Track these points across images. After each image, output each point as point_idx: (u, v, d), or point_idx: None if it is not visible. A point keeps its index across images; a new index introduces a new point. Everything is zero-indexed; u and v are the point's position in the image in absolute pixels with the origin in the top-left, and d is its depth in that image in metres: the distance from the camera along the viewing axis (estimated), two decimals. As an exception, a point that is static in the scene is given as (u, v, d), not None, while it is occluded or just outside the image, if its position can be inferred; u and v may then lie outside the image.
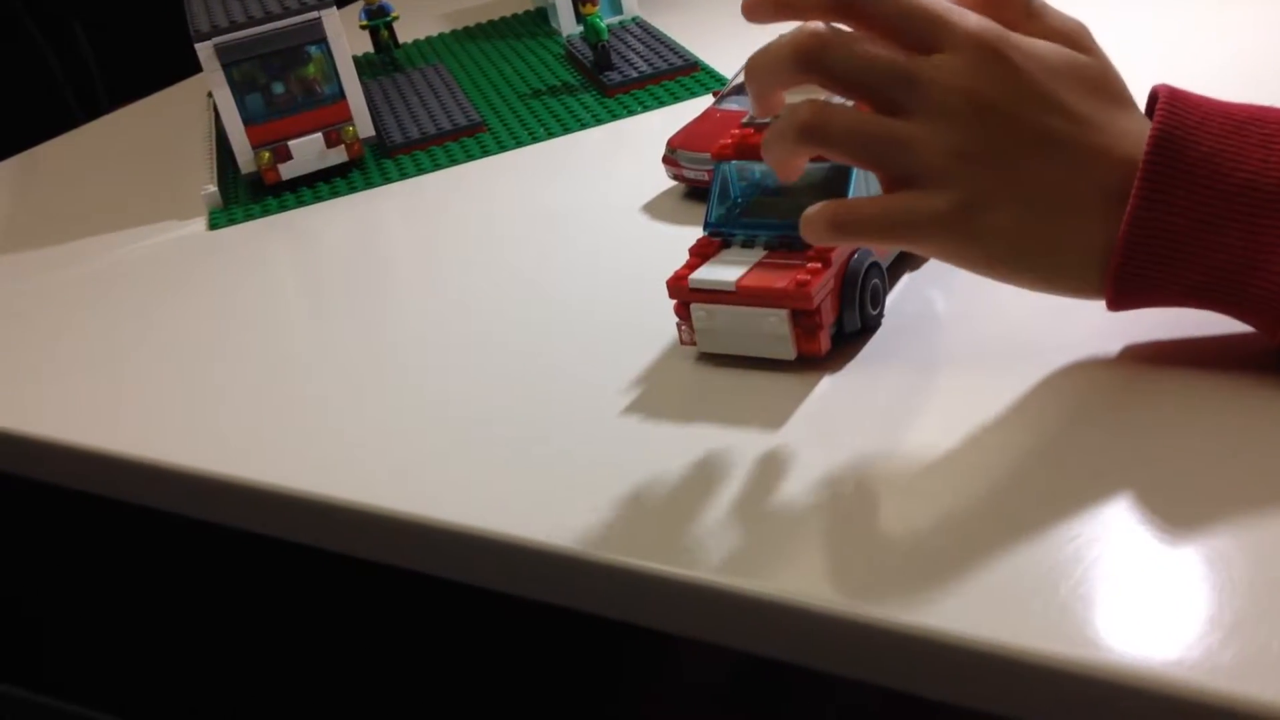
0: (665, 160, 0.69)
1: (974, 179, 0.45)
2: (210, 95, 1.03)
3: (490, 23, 1.10)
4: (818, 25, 0.47)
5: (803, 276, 0.51)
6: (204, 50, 0.79)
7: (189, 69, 0.80)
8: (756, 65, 0.48)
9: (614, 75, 0.87)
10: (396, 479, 0.52)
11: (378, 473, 0.52)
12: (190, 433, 0.58)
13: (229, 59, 0.79)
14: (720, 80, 0.84)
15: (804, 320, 0.51)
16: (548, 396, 0.55)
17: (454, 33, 1.10)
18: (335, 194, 0.81)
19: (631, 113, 0.83)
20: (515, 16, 1.10)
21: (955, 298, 0.55)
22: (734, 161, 0.55)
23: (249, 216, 0.81)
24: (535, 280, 0.65)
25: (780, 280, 0.51)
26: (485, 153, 0.82)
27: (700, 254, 0.54)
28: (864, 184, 0.53)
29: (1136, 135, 0.46)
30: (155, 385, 0.63)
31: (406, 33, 1.09)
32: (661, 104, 0.83)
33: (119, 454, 0.58)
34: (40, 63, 1.96)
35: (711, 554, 0.43)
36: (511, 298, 0.64)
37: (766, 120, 0.53)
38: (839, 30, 0.47)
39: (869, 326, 0.53)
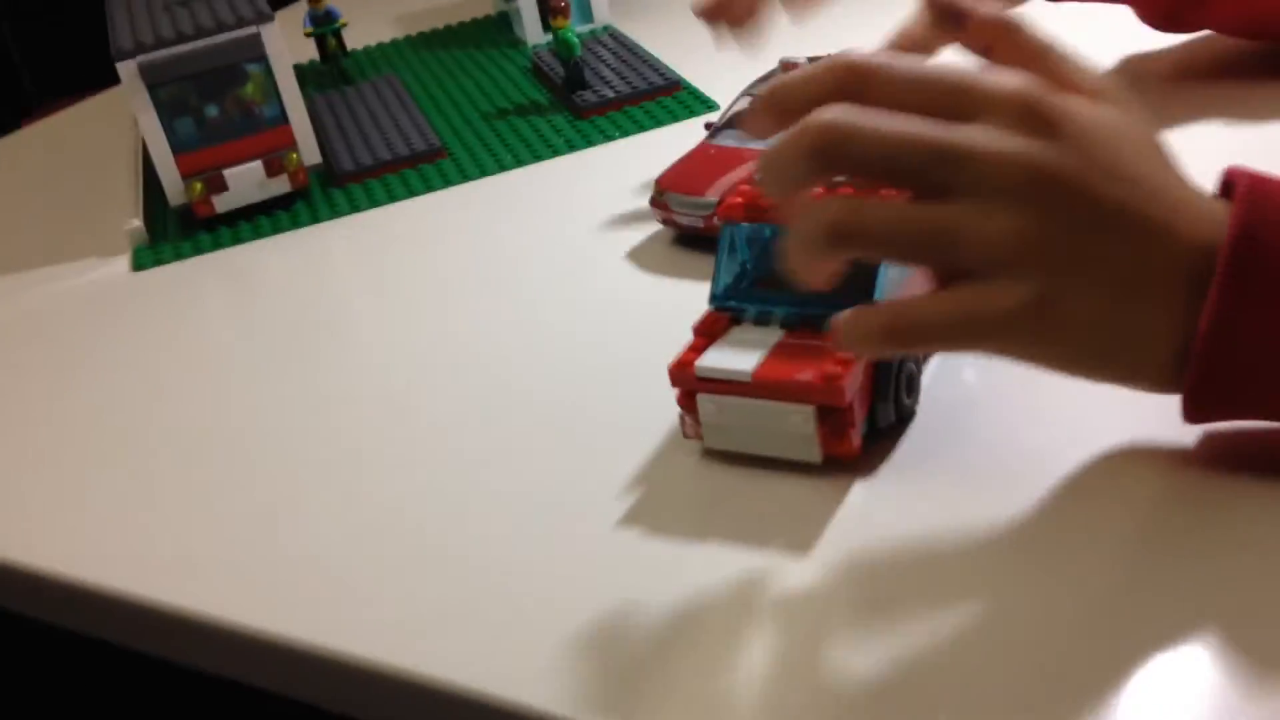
0: (653, 203, 0.61)
1: (1046, 265, 0.38)
2: (138, 109, 0.93)
3: (448, 28, 1.01)
4: (833, 110, 0.38)
5: (832, 368, 0.43)
6: (126, 70, 0.70)
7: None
8: (769, 167, 0.40)
9: (588, 95, 0.79)
10: (326, 609, 0.43)
11: (301, 599, 0.44)
12: (92, 537, 0.49)
13: (155, 79, 0.70)
14: (707, 102, 0.76)
15: (834, 419, 0.43)
16: (519, 503, 0.46)
17: (407, 39, 1.01)
18: (277, 229, 0.73)
19: (608, 138, 0.75)
20: (475, 22, 1.01)
21: (993, 375, 0.48)
22: (744, 224, 0.47)
23: (179, 255, 0.72)
24: (503, 343, 0.57)
25: (805, 371, 0.43)
26: (446, 182, 0.74)
27: (707, 333, 0.46)
28: (899, 253, 0.45)
29: (1199, 212, 0.39)
30: (59, 470, 0.54)
31: (355, 39, 1.00)
32: (642, 129, 0.75)
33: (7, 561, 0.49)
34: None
35: (737, 727, 0.36)
36: (475, 364, 0.56)
37: None
38: (858, 111, 0.38)
39: (903, 419, 0.46)
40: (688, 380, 0.45)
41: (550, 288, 0.61)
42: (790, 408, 0.43)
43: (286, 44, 0.73)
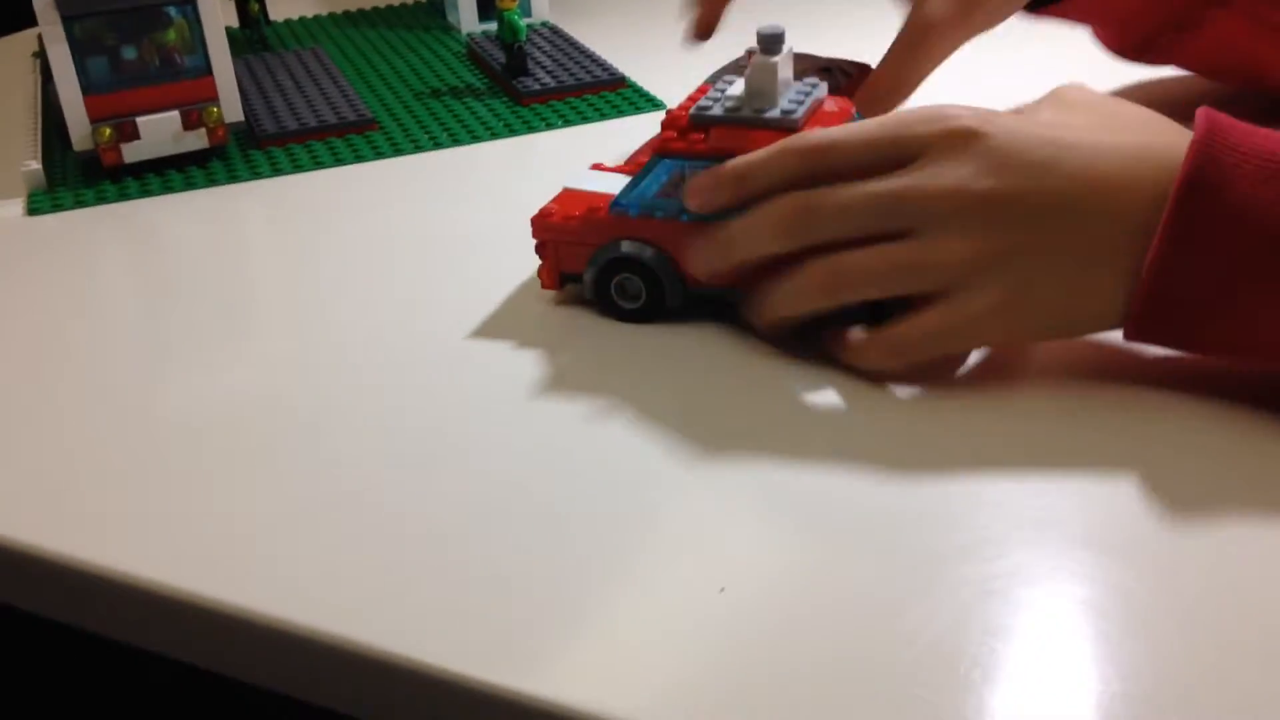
0: (607, 186, 0.58)
1: (1001, 272, 0.43)
2: (36, 54, 0.87)
3: (375, 10, 0.98)
4: (793, 194, 0.45)
5: (568, 209, 0.51)
6: (41, -1, 0.65)
7: (24, 18, 0.66)
8: (735, 240, 0.46)
9: (529, 82, 0.76)
10: (236, 565, 0.39)
11: (212, 557, 0.40)
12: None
13: (72, 11, 0.65)
14: (652, 100, 0.74)
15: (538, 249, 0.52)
16: (441, 481, 0.43)
17: (332, 16, 0.97)
18: (190, 185, 0.68)
19: (550, 126, 0.72)
20: (404, 6, 0.98)
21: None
22: (683, 162, 0.48)
23: (79, 203, 0.67)
24: (437, 319, 0.54)
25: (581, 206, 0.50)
26: (378, 155, 0.70)
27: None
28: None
29: (1159, 157, 0.42)
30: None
31: (277, 10, 0.95)
32: (586, 120, 0.73)
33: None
34: None
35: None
36: (400, 341, 0.52)
37: (717, 114, 0.48)
38: (814, 192, 0.44)
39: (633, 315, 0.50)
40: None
41: (486, 266, 0.58)
42: None
43: (218, -3, 0.69)
